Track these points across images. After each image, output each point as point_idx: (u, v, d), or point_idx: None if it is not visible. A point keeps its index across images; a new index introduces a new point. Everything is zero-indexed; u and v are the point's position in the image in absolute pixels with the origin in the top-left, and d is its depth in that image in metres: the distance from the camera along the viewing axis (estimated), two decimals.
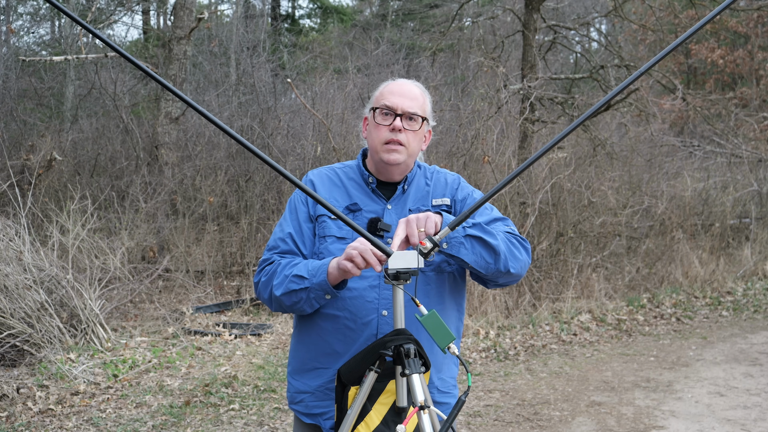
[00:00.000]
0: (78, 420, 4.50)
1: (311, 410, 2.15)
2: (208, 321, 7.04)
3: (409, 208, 2.18)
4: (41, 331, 5.44)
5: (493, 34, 14.40)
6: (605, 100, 1.85)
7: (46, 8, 14.56)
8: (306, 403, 2.16)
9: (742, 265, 10.06)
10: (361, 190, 2.20)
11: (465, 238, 1.98)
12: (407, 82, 2.21)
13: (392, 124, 2.13)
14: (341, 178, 2.23)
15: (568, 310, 7.50)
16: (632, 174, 9.65)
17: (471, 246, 1.98)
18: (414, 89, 2.19)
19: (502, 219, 2.18)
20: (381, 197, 2.18)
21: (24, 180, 8.31)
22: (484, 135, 7.80)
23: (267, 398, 5.00)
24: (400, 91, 2.17)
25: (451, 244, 1.96)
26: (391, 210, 2.17)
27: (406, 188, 2.20)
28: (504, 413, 4.91)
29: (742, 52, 17.50)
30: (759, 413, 4.92)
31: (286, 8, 21.64)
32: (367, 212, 2.16)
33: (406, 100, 2.15)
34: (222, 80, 13.06)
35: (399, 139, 2.13)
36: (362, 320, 2.07)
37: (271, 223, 8.70)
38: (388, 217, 2.15)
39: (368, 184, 2.20)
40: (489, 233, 2.02)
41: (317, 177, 2.25)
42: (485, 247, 2.00)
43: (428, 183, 2.25)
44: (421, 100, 2.18)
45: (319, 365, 2.13)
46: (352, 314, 2.07)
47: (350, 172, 2.25)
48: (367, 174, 2.21)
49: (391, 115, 2.14)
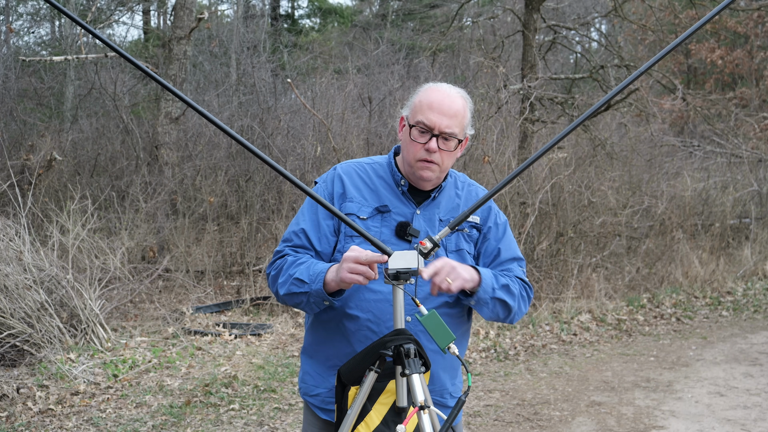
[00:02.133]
0: (78, 420, 4.50)
1: (327, 406, 2.15)
2: (208, 321, 7.04)
3: (440, 218, 2.16)
4: (41, 331, 5.44)
5: (493, 34, 14.41)
6: (605, 100, 1.85)
7: (46, 8, 14.56)
8: (323, 398, 2.17)
9: (742, 265, 10.06)
10: (390, 191, 2.17)
11: (492, 299, 2.06)
12: (449, 94, 2.11)
13: (428, 145, 2.07)
14: (371, 177, 2.19)
15: (568, 310, 7.50)
16: (632, 174, 9.65)
17: (493, 306, 2.08)
18: (455, 103, 2.10)
19: (520, 260, 2.24)
20: (411, 201, 2.16)
21: (24, 180, 8.30)
22: (484, 135, 7.80)
23: (267, 398, 5.00)
24: (440, 106, 2.07)
25: (478, 304, 2.06)
26: (420, 216, 2.15)
27: (437, 196, 2.18)
28: (504, 413, 4.91)
29: (742, 52, 17.49)
30: (759, 413, 4.92)
31: (286, 8, 21.65)
32: (396, 215, 2.13)
33: (444, 118, 2.07)
34: (222, 80, 13.07)
35: (433, 159, 2.09)
36: (385, 323, 2.06)
37: (271, 223, 8.70)
38: (417, 222, 2.13)
39: (399, 185, 2.17)
40: (512, 296, 2.11)
41: (347, 174, 2.19)
42: (504, 307, 2.10)
43: (459, 194, 2.23)
44: (461, 115, 2.10)
45: (340, 363, 2.11)
46: (376, 317, 2.07)
47: (380, 170, 2.21)
48: (400, 176, 2.17)
49: (427, 133, 2.08)
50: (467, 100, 2.16)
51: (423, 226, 2.13)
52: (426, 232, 2.13)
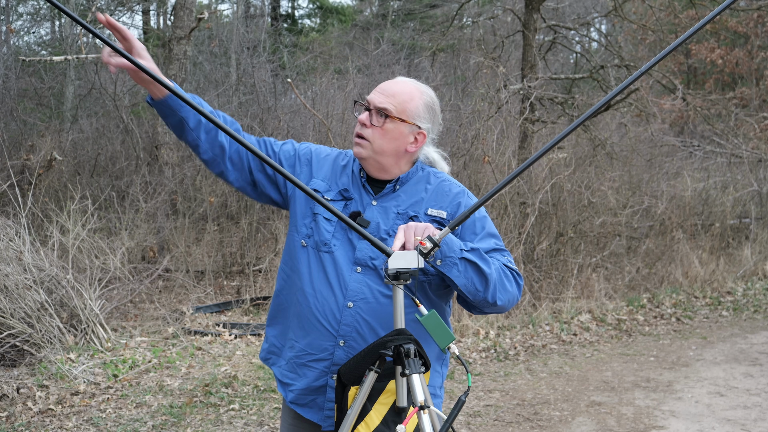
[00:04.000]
0: (78, 420, 4.50)
1: (284, 378, 2.17)
2: (208, 321, 7.04)
3: (398, 211, 2.10)
4: (41, 331, 5.44)
5: (493, 34, 14.39)
6: (605, 100, 1.85)
7: (46, 8, 14.55)
8: (282, 370, 2.18)
9: (742, 265, 10.06)
10: (352, 179, 2.18)
11: (460, 260, 1.94)
12: (401, 80, 2.15)
13: (360, 117, 2.12)
14: (338, 162, 2.23)
15: (568, 310, 7.50)
16: (632, 174, 9.65)
17: (464, 269, 1.94)
18: (400, 86, 2.11)
19: (502, 250, 2.12)
20: (369, 192, 2.14)
21: (24, 180, 8.30)
22: (484, 135, 7.80)
23: (267, 398, 5.00)
24: (384, 86, 2.13)
25: (445, 263, 1.92)
26: (375, 207, 2.12)
27: (398, 188, 2.14)
28: (504, 413, 4.91)
29: (742, 52, 17.49)
30: (759, 413, 4.92)
31: (286, 8, 21.65)
32: (356, 203, 2.14)
33: (381, 96, 2.10)
34: (222, 80, 13.06)
35: (363, 134, 2.10)
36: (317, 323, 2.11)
37: (271, 223, 8.70)
38: (370, 213, 2.10)
39: (360, 177, 2.17)
40: (485, 260, 1.98)
41: (316, 151, 2.25)
42: (478, 273, 1.95)
43: (427, 188, 2.15)
44: (402, 98, 2.09)
45: (293, 337, 2.14)
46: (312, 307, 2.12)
47: (345, 159, 2.24)
48: (359, 167, 2.18)
49: (362, 109, 2.13)
50: (425, 94, 2.14)
51: (376, 217, 2.09)
52: (377, 224, 2.08)
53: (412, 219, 2.09)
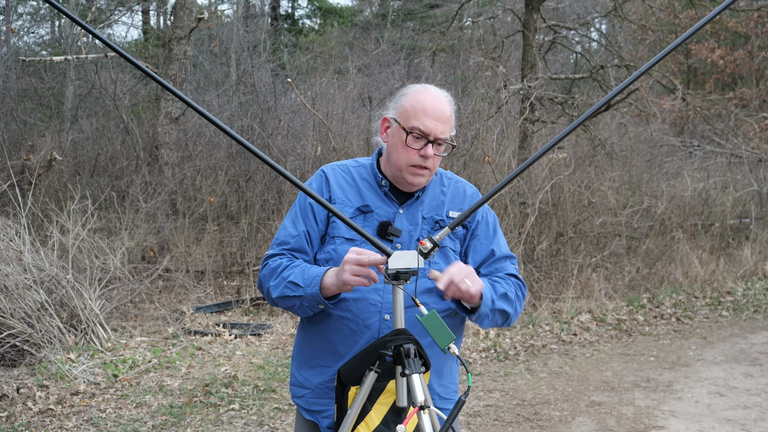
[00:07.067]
0: (78, 420, 4.50)
1: (311, 407, 2.15)
2: (208, 321, 7.04)
3: (423, 216, 2.14)
4: (41, 331, 5.44)
5: (493, 34, 14.40)
6: (605, 100, 1.85)
7: (46, 8, 14.56)
8: (306, 399, 2.16)
9: (742, 265, 10.06)
10: (373, 191, 2.16)
11: (492, 311, 2.04)
12: (440, 99, 2.12)
13: (424, 151, 2.07)
14: (354, 178, 2.18)
15: (568, 310, 7.50)
16: (632, 174, 9.65)
17: (493, 316, 2.06)
18: (447, 108, 2.11)
19: (511, 257, 2.21)
20: (393, 201, 2.14)
21: (24, 180, 8.30)
22: (484, 135, 7.80)
23: (267, 398, 5.00)
24: (435, 112, 2.07)
25: (479, 318, 2.03)
26: (402, 215, 2.14)
27: (421, 195, 2.16)
28: (504, 413, 4.91)
29: (742, 52, 17.49)
30: (759, 413, 4.92)
31: (286, 8, 21.65)
32: (378, 215, 2.12)
33: (440, 124, 2.08)
34: (222, 80, 13.06)
35: (427, 165, 2.09)
36: (364, 323, 2.06)
37: (271, 223, 8.70)
38: (399, 221, 2.12)
39: (381, 186, 2.16)
40: (509, 302, 2.09)
41: (331, 173, 2.19)
42: (502, 315, 2.09)
43: (444, 191, 2.20)
44: (451, 118, 2.12)
45: (323, 363, 2.13)
46: (355, 316, 2.06)
47: (364, 172, 2.20)
48: (381, 177, 2.16)
49: (423, 139, 2.07)
50: (452, 101, 2.18)
51: (405, 225, 2.12)
52: (408, 231, 2.11)
53: (437, 223, 2.14)
